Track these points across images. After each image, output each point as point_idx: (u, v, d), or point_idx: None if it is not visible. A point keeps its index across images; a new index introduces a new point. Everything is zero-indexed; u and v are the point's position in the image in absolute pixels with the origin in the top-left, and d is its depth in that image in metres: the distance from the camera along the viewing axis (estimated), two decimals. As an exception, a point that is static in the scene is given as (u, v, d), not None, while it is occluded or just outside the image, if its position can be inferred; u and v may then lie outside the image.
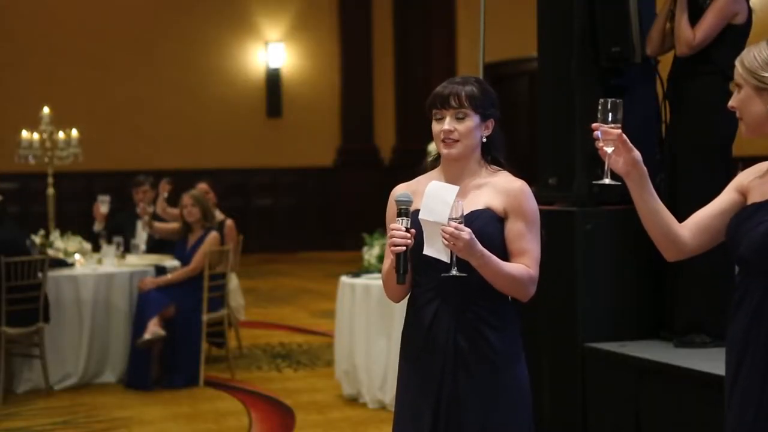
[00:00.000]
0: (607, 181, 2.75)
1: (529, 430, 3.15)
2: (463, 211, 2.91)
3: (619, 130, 2.70)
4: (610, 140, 2.69)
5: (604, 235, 5.14)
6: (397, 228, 2.96)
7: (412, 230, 2.96)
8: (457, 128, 3.06)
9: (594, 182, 2.85)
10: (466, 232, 2.88)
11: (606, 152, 2.70)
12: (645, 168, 2.73)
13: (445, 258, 2.95)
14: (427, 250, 2.96)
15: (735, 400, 2.73)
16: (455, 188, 2.94)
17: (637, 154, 2.71)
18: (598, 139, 2.71)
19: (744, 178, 2.84)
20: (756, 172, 2.82)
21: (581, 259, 5.10)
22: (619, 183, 2.77)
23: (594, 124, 2.72)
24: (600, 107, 2.73)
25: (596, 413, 5.02)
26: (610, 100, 2.73)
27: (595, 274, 5.11)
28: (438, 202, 2.93)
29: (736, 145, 4.96)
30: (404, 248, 2.95)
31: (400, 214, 2.98)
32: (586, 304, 5.08)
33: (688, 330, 4.98)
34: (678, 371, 4.57)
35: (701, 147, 4.98)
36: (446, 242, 2.89)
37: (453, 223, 2.88)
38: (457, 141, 3.06)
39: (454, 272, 2.96)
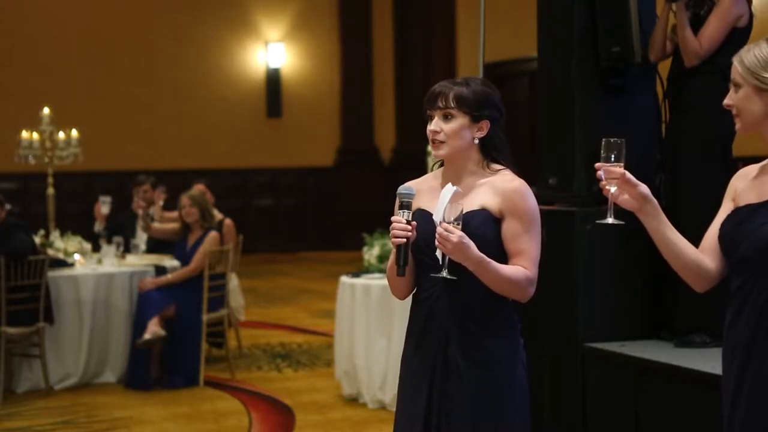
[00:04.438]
0: (610, 220, 2.74)
1: None
2: (461, 213, 2.88)
3: (622, 169, 2.68)
4: (613, 179, 2.69)
5: (604, 235, 5.13)
6: (398, 220, 2.95)
7: (414, 222, 2.94)
8: (443, 128, 3.05)
9: (597, 221, 2.83)
10: (456, 235, 2.84)
11: (609, 191, 2.70)
12: (656, 201, 2.72)
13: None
14: (438, 252, 2.95)
15: (742, 400, 2.70)
16: (452, 189, 2.94)
17: (644, 188, 2.69)
18: (601, 179, 2.70)
19: (735, 185, 2.84)
20: (745, 176, 2.82)
21: (581, 259, 5.09)
22: (623, 222, 2.76)
23: (597, 164, 2.71)
24: (603, 146, 2.71)
25: (596, 413, 5.01)
26: (612, 140, 2.71)
27: (595, 274, 5.11)
28: (441, 203, 2.92)
29: (736, 144, 4.96)
30: (404, 240, 2.93)
31: (401, 207, 2.97)
32: (586, 304, 5.08)
33: (688, 330, 4.97)
34: (678, 371, 4.57)
35: (701, 147, 4.98)
36: (438, 243, 2.88)
37: (444, 224, 2.86)
38: (443, 142, 3.05)
39: (443, 274, 2.93)
